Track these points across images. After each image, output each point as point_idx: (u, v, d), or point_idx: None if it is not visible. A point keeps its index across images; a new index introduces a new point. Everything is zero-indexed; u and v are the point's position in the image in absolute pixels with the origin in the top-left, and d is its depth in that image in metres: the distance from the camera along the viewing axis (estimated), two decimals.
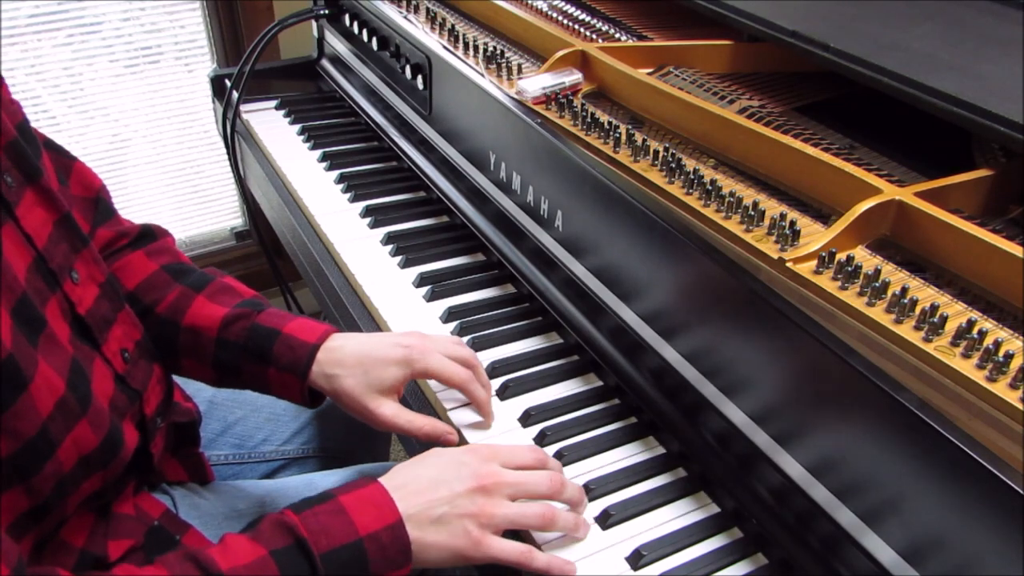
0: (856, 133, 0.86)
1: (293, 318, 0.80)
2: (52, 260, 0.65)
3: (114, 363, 0.70)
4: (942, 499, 0.55)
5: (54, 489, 0.61)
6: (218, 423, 1.00)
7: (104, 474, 0.66)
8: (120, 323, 0.73)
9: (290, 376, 0.78)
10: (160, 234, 0.88)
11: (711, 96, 0.91)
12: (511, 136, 0.96)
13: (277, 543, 0.61)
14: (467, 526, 0.65)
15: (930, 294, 0.64)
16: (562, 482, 0.71)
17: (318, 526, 0.62)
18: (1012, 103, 0.69)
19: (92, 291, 0.70)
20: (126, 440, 0.68)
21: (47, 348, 0.61)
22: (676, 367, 0.76)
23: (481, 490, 0.67)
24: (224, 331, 0.79)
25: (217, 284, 0.83)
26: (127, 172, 2.00)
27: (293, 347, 0.78)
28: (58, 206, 0.68)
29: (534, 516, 0.68)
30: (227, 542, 0.62)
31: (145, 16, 1.85)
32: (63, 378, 0.61)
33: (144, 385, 0.74)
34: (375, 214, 1.15)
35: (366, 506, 0.64)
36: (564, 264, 0.90)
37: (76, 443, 0.62)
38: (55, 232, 0.67)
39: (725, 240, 0.72)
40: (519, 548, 0.67)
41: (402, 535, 0.63)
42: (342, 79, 1.46)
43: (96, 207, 0.84)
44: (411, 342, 0.80)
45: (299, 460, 1.02)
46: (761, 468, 0.68)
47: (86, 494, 0.66)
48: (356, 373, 0.77)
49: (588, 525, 0.72)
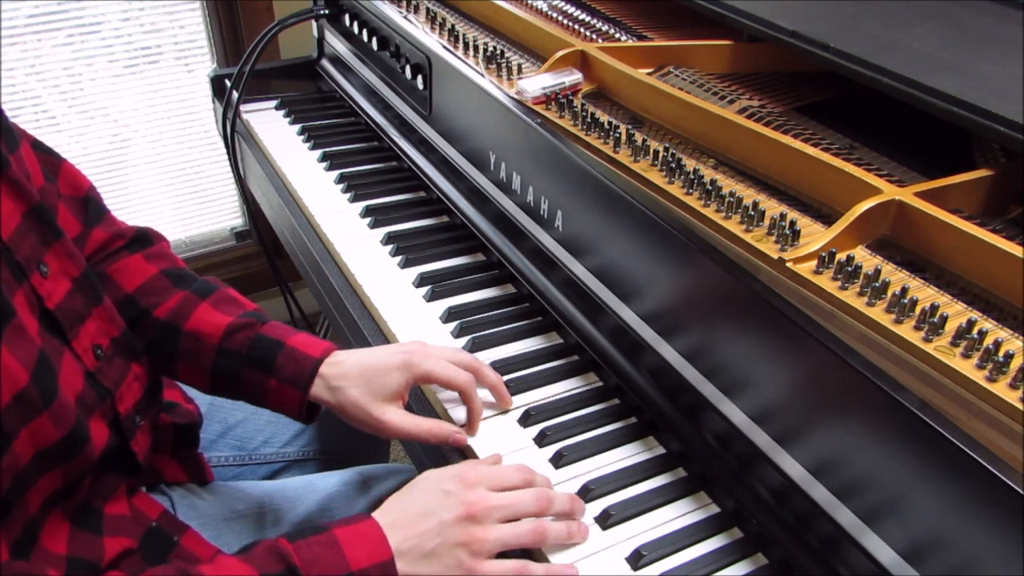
0: (856, 133, 0.86)
1: (296, 332, 0.81)
2: (18, 252, 0.65)
3: (84, 359, 0.69)
4: (942, 499, 0.55)
5: (12, 484, 0.60)
6: (219, 425, 1.00)
7: (65, 470, 0.66)
8: (95, 319, 0.72)
9: (291, 389, 0.78)
10: (156, 238, 0.88)
11: (711, 96, 0.91)
12: (511, 136, 0.96)
13: (269, 568, 0.61)
14: (459, 556, 0.66)
15: (930, 294, 0.64)
16: (549, 497, 0.71)
17: (311, 556, 0.62)
18: (1012, 103, 0.69)
19: (64, 285, 0.69)
20: (93, 438, 0.67)
21: (13, 339, 0.60)
22: (676, 367, 0.76)
23: (470, 518, 0.67)
24: (227, 340, 0.79)
25: (221, 294, 0.84)
26: (127, 172, 2.00)
27: (297, 360, 0.78)
28: (27, 198, 0.67)
29: (525, 534, 0.68)
30: (219, 561, 0.62)
31: (145, 16, 1.85)
32: (28, 370, 0.60)
33: (117, 384, 0.73)
34: (375, 214, 1.15)
35: (359, 541, 0.64)
36: (564, 264, 0.90)
37: (33, 436, 0.61)
38: (23, 224, 0.66)
39: (725, 240, 0.72)
40: (513, 565, 0.67)
41: (391, 572, 0.64)
42: (342, 79, 1.46)
43: (86, 207, 0.83)
44: (411, 348, 0.81)
45: (300, 462, 1.02)
46: (761, 468, 0.68)
47: (47, 491, 0.65)
48: (360, 383, 0.77)
49: (586, 527, 0.72)
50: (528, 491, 0.71)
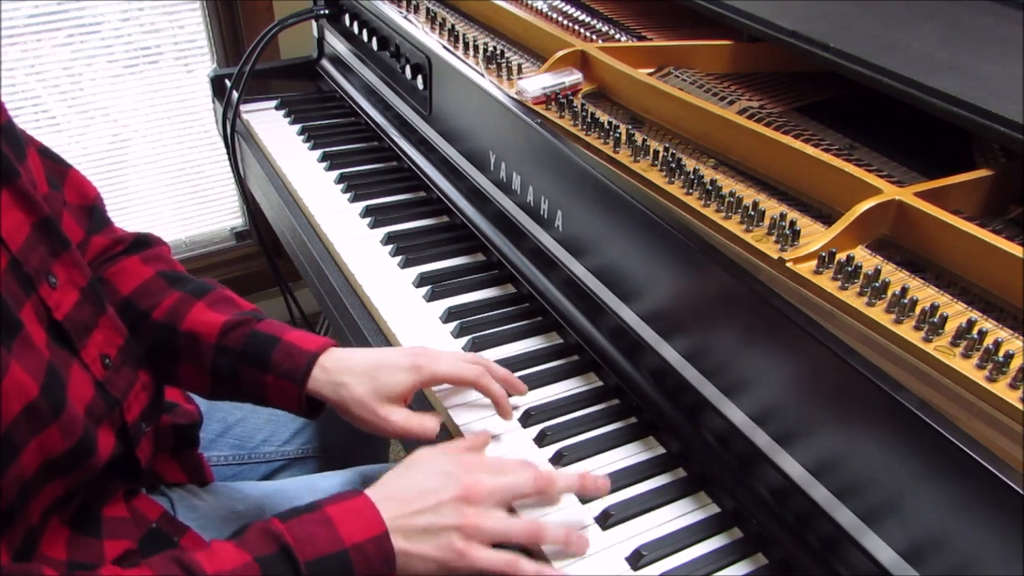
0: (856, 133, 0.86)
1: (293, 329, 0.80)
2: (28, 263, 0.65)
3: (93, 369, 0.69)
4: (942, 499, 0.55)
5: (17, 494, 0.60)
6: (218, 424, 1.00)
7: (68, 480, 0.66)
8: (102, 328, 0.72)
9: (288, 383, 0.77)
10: (155, 242, 0.88)
11: (711, 96, 0.91)
12: (511, 136, 0.96)
13: (263, 550, 0.61)
14: (452, 538, 0.65)
15: (930, 294, 0.64)
16: (550, 477, 0.70)
17: (304, 535, 0.62)
18: (1012, 103, 0.69)
19: (72, 296, 0.69)
20: (99, 447, 0.67)
21: (22, 352, 0.60)
22: (676, 367, 0.76)
23: (466, 499, 0.67)
24: (223, 338, 0.79)
25: (217, 294, 0.83)
26: (127, 172, 2.00)
27: (292, 354, 0.77)
28: (37, 209, 0.67)
29: (521, 531, 0.68)
30: (213, 547, 0.62)
31: (144, 16, 1.85)
32: (38, 383, 0.60)
33: (125, 393, 0.73)
34: (375, 214, 1.15)
35: (352, 517, 0.64)
36: (564, 264, 0.90)
37: (42, 448, 0.61)
38: (32, 235, 0.66)
39: (725, 240, 0.72)
40: (505, 557, 0.66)
41: (386, 546, 0.64)
42: (342, 79, 1.46)
43: (91, 215, 0.83)
44: (418, 351, 0.80)
45: (299, 460, 1.02)
46: (761, 468, 0.68)
47: (49, 500, 0.65)
48: (364, 380, 0.76)
49: (586, 539, 0.70)
50: (526, 472, 0.70)
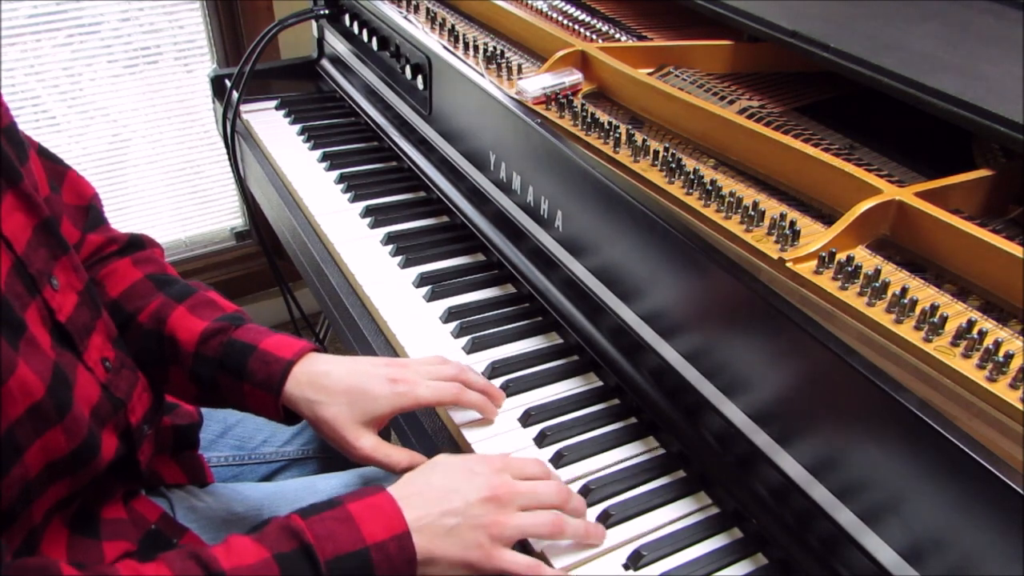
0: (856, 133, 0.86)
1: (271, 334, 0.79)
2: (31, 265, 0.65)
3: (96, 371, 0.69)
4: (942, 499, 0.55)
5: (20, 494, 0.60)
6: (218, 425, 1.00)
7: (72, 481, 0.65)
8: (99, 332, 0.72)
9: (263, 393, 0.76)
10: (149, 244, 0.88)
11: (711, 96, 0.91)
12: (511, 136, 0.96)
13: (282, 546, 0.61)
14: (479, 538, 0.65)
15: (930, 294, 0.64)
16: (569, 492, 0.71)
17: (324, 532, 0.61)
18: (1012, 103, 0.69)
19: (72, 299, 0.69)
20: (102, 449, 0.67)
21: (28, 352, 0.60)
22: (676, 367, 0.76)
23: (494, 500, 0.66)
24: (202, 346, 0.77)
25: (199, 297, 0.82)
26: (127, 172, 2.00)
27: (268, 363, 0.76)
28: (38, 211, 0.67)
29: (544, 524, 0.67)
30: (231, 542, 0.61)
31: (144, 16, 1.85)
32: (44, 383, 0.60)
33: (128, 395, 0.72)
34: (375, 214, 1.15)
35: (374, 514, 0.63)
36: (564, 264, 0.90)
37: (45, 449, 0.61)
38: (35, 237, 0.66)
39: (725, 240, 0.72)
40: (529, 561, 0.66)
41: (408, 546, 0.63)
42: (342, 79, 1.46)
43: (87, 215, 0.83)
44: (398, 375, 0.77)
45: (299, 461, 1.02)
46: (761, 468, 0.68)
47: (53, 500, 0.65)
48: (340, 402, 0.75)
49: (602, 529, 0.71)
50: (551, 482, 0.70)
